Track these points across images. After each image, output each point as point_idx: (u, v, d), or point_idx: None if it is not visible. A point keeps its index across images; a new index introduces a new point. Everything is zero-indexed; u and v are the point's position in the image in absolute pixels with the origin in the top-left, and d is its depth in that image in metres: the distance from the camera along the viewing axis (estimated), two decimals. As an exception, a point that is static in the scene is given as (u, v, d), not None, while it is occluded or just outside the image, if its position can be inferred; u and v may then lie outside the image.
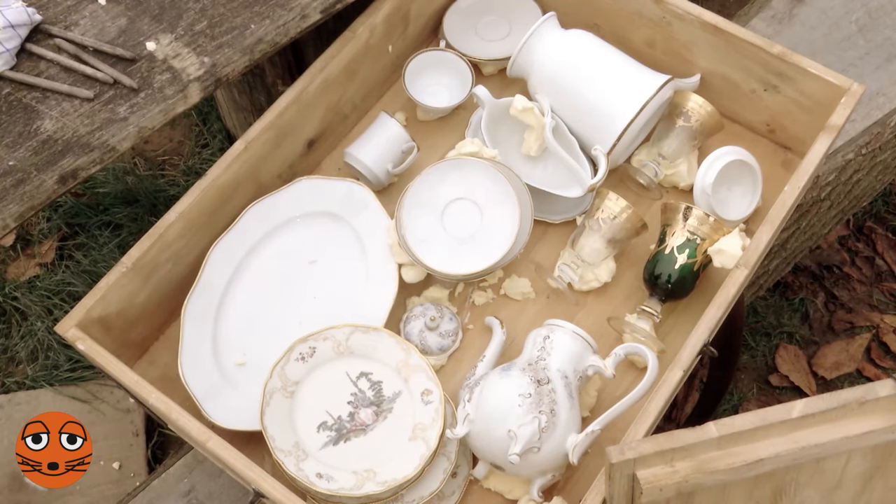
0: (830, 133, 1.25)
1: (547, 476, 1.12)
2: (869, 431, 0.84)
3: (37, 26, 1.18)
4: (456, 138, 1.40)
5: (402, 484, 1.09)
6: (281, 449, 1.10)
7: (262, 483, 1.05)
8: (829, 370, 1.97)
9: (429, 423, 1.14)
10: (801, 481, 0.89)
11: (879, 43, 1.72)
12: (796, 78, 1.31)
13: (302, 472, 1.09)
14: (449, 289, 1.32)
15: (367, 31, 1.34)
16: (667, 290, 1.25)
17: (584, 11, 1.43)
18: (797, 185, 1.21)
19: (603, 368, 1.14)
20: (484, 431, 1.10)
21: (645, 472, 0.84)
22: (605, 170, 1.30)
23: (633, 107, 1.29)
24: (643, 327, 1.24)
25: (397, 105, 1.46)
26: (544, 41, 1.36)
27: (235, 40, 1.21)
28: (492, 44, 1.49)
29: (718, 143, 1.36)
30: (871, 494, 0.93)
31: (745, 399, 1.94)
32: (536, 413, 1.07)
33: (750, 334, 2.00)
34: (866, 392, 0.84)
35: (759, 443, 0.84)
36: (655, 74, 1.34)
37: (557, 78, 1.35)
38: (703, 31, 1.34)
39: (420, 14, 1.44)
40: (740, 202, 1.35)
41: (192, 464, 1.35)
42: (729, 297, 1.14)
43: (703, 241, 1.25)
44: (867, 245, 2.12)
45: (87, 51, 1.18)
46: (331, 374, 1.17)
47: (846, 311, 2.04)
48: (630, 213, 1.27)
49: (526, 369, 1.12)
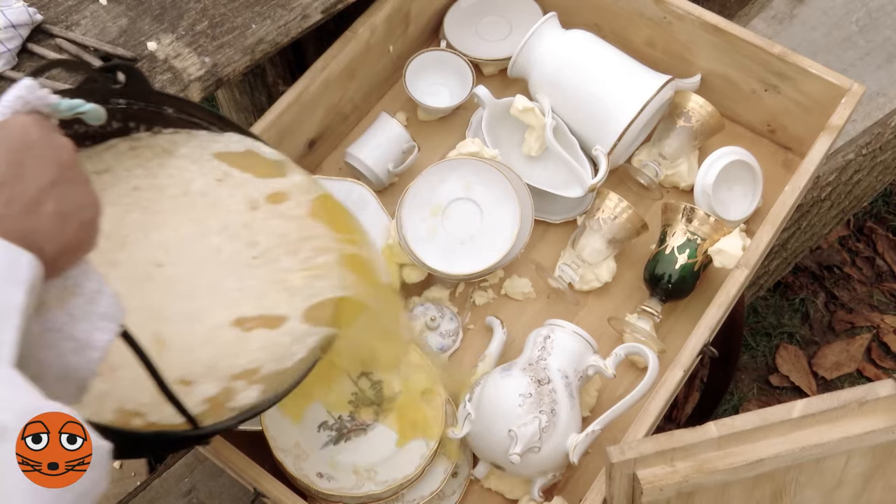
0: (831, 133, 1.25)
1: (547, 476, 1.12)
2: (869, 431, 0.84)
3: (38, 26, 1.18)
4: (456, 138, 1.40)
5: (402, 483, 1.09)
6: (281, 448, 1.10)
7: (263, 482, 1.05)
8: (829, 370, 1.97)
9: (429, 422, 1.14)
10: (801, 481, 0.89)
11: (880, 43, 1.72)
12: (797, 78, 1.31)
13: (302, 472, 1.09)
14: (449, 289, 1.32)
15: (368, 32, 1.35)
16: (667, 290, 1.25)
17: (584, 11, 1.43)
18: (797, 185, 1.21)
19: (603, 368, 1.14)
20: (484, 431, 1.10)
21: (645, 471, 0.84)
22: (606, 170, 1.30)
23: (634, 107, 1.29)
24: (643, 327, 1.24)
25: (398, 105, 1.46)
26: (545, 41, 1.36)
27: (236, 40, 1.21)
28: (492, 44, 1.49)
29: (719, 144, 1.36)
30: (871, 494, 0.93)
31: (745, 399, 1.94)
32: (537, 413, 1.07)
33: (750, 334, 2.00)
34: (866, 392, 0.84)
35: (760, 443, 0.84)
36: (656, 75, 1.34)
37: (558, 78, 1.35)
38: (704, 32, 1.34)
39: (421, 14, 1.44)
40: (741, 202, 1.35)
41: (193, 463, 1.35)
42: (729, 297, 1.14)
43: (703, 241, 1.25)
44: (867, 245, 2.12)
45: (88, 51, 1.18)
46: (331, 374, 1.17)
47: (846, 311, 2.04)
48: (630, 213, 1.27)
49: (526, 369, 1.12)
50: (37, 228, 0.64)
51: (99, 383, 0.75)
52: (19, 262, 0.62)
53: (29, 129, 0.67)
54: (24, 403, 0.57)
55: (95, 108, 0.76)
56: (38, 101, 0.70)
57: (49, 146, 0.68)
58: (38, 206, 0.65)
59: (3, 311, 0.59)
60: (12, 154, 0.65)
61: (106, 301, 0.69)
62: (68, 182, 0.67)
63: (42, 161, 0.66)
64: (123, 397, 0.82)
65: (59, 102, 0.72)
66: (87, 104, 0.75)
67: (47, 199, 0.65)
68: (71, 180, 0.68)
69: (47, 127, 0.69)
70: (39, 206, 0.65)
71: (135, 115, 0.95)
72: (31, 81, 0.70)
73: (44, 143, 0.67)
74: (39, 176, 0.66)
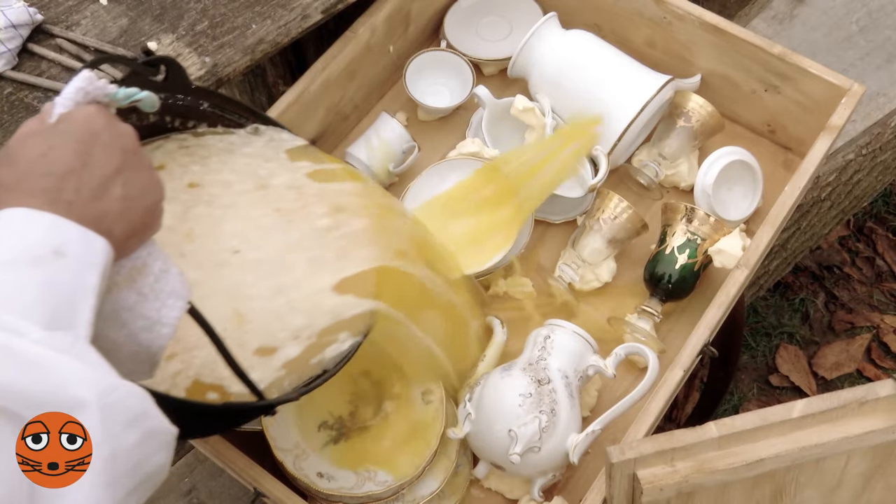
0: (831, 133, 1.25)
1: (547, 476, 1.12)
2: (869, 431, 0.84)
3: (38, 26, 1.18)
4: (457, 138, 1.40)
5: (402, 483, 1.09)
6: (281, 448, 1.10)
7: (263, 482, 1.05)
8: (829, 370, 1.97)
9: (429, 422, 1.14)
10: (801, 481, 0.89)
11: (880, 43, 1.72)
12: (797, 78, 1.31)
13: (302, 472, 1.09)
14: (449, 289, 1.32)
15: (368, 32, 1.35)
16: (667, 290, 1.25)
17: (584, 12, 1.43)
18: (797, 185, 1.21)
19: (603, 368, 1.14)
20: (485, 431, 1.10)
21: (645, 471, 0.84)
22: (606, 170, 1.30)
23: (634, 107, 1.29)
24: (644, 327, 1.24)
25: (398, 105, 1.46)
26: (545, 41, 1.36)
27: (237, 40, 1.21)
28: (493, 44, 1.49)
29: (719, 144, 1.36)
30: (871, 494, 0.93)
31: (745, 399, 1.94)
32: (537, 413, 1.08)
33: (750, 334, 2.00)
34: (866, 392, 0.84)
35: (760, 443, 0.84)
36: (656, 75, 1.34)
37: (558, 78, 1.35)
38: (704, 32, 1.34)
39: (421, 14, 1.45)
40: (741, 202, 1.35)
41: (194, 463, 1.35)
42: (729, 297, 1.15)
43: (703, 241, 1.25)
44: (867, 245, 2.12)
45: (88, 51, 1.18)
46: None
47: (846, 311, 2.04)
48: (631, 213, 1.27)
49: (526, 369, 1.12)
50: (106, 213, 0.67)
51: (176, 363, 0.83)
52: (94, 246, 0.65)
53: (93, 118, 0.70)
54: (103, 380, 0.59)
55: (150, 96, 0.79)
56: (97, 92, 0.73)
57: (113, 133, 0.71)
58: (106, 191, 0.68)
59: (81, 292, 0.63)
60: (80, 144, 0.68)
61: (173, 279, 0.73)
62: (133, 167, 0.71)
63: (108, 148, 0.69)
64: (202, 372, 0.88)
65: (117, 92, 0.75)
66: (142, 92, 0.78)
67: (114, 185, 0.68)
68: (135, 166, 0.71)
69: (109, 115, 0.72)
70: (107, 191, 0.68)
71: (170, 108, 0.99)
72: (89, 73, 0.72)
73: (108, 131, 0.70)
74: (106, 163, 0.69)
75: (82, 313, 0.63)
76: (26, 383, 0.56)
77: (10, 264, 0.61)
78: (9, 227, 0.63)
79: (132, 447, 0.60)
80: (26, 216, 0.63)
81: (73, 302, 0.62)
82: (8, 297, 0.60)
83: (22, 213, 0.63)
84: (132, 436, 0.60)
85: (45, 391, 0.57)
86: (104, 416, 0.58)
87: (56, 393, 0.57)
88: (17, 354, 0.56)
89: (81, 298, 0.63)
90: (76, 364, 0.58)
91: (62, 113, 0.71)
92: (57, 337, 0.59)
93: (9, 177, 0.66)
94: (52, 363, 0.57)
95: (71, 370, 0.58)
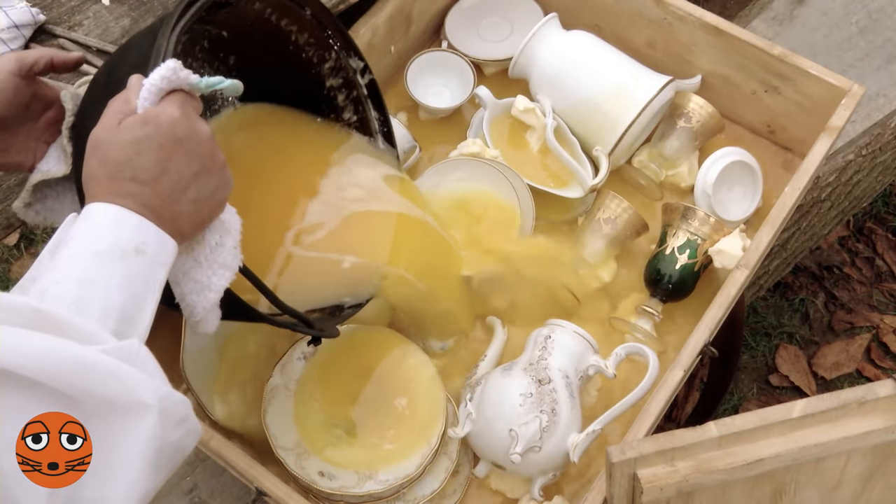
0: (831, 134, 1.25)
1: (548, 475, 1.13)
2: (869, 431, 0.85)
3: (41, 27, 1.18)
4: (458, 138, 1.40)
5: (403, 483, 1.09)
6: (283, 447, 1.10)
7: (264, 481, 1.05)
8: (829, 370, 1.98)
9: (430, 421, 1.14)
10: (801, 481, 0.89)
11: (880, 44, 1.72)
12: (797, 79, 1.31)
13: (304, 471, 1.09)
14: (450, 288, 1.32)
15: (370, 32, 1.35)
16: (667, 291, 1.26)
17: (585, 12, 1.43)
18: (797, 185, 1.21)
19: (604, 368, 1.14)
20: (485, 430, 1.10)
21: (645, 471, 0.84)
22: (607, 170, 1.30)
23: (635, 108, 1.29)
24: (644, 327, 1.25)
25: (399, 105, 1.46)
26: (546, 42, 1.36)
27: (238, 41, 1.21)
28: (493, 44, 1.49)
29: (719, 144, 1.36)
30: (871, 494, 0.93)
31: (745, 399, 1.94)
32: (537, 412, 1.08)
33: (750, 334, 2.00)
34: (866, 392, 0.84)
35: (760, 443, 0.85)
36: (656, 75, 1.34)
37: (559, 78, 1.35)
38: (704, 33, 1.34)
39: (422, 15, 1.45)
40: (741, 203, 1.35)
41: (195, 462, 1.35)
42: (729, 297, 1.15)
43: (703, 241, 1.25)
44: (867, 246, 2.12)
45: (90, 51, 1.18)
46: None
47: (846, 311, 2.05)
48: (631, 213, 1.28)
49: (527, 369, 1.12)
50: (180, 214, 0.75)
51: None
52: (167, 247, 0.74)
53: (177, 124, 0.74)
54: (161, 388, 0.68)
55: (234, 83, 0.80)
56: (180, 82, 0.75)
57: (194, 140, 0.76)
58: (183, 195, 0.75)
59: (150, 288, 0.73)
60: (163, 151, 0.74)
61: (226, 252, 0.81)
62: (208, 171, 0.77)
63: (188, 155, 0.75)
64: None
65: (200, 81, 0.77)
66: (226, 80, 0.80)
67: (190, 189, 0.76)
68: (210, 168, 0.77)
69: (192, 115, 0.76)
70: (184, 195, 0.75)
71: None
72: (174, 63, 0.75)
73: (190, 137, 0.75)
74: (185, 169, 0.75)
75: (146, 312, 0.72)
76: (100, 388, 0.65)
77: (104, 255, 0.70)
78: (104, 221, 0.72)
79: (175, 442, 0.69)
80: (119, 214, 0.72)
81: (142, 299, 0.72)
82: (93, 294, 0.69)
83: (115, 211, 0.72)
84: (177, 433, 0.69)
85: (116, 394, 0.65)
86: (162, 418, 0.67)
87: (126, 396, 0.66)
88: (93, 365, 0.65)
89: (150, 294, 0.72)
90: (141, 375, 0.67)
91: (148, 109, 0.74)
92: (124, 347, 0.67)
93: (99, 172, 0.74)
94: (123, 373, 0.66)
95: (137, 380, 0.67)
